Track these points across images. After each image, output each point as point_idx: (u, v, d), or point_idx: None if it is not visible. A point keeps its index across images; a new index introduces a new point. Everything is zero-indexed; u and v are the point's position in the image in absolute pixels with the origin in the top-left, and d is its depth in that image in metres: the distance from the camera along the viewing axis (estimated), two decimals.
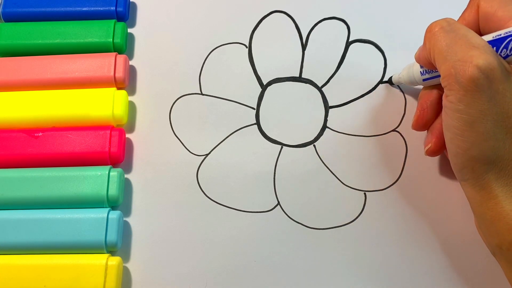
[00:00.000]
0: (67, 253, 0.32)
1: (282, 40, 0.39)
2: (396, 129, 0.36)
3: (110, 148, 0.34)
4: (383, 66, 0.37)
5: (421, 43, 0.38)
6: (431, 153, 0.32)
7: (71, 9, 0.38)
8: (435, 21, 0.29)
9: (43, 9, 0.38)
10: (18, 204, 0.33)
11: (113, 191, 0.33)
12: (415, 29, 0.39)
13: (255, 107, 0.37)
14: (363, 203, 0.34)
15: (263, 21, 0.39)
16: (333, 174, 0.35)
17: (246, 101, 0.37)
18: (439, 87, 0.31)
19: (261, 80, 0.37)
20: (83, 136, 0.34)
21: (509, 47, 0.27)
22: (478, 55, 0.25)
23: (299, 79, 0.37)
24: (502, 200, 0.26)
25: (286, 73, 0.38)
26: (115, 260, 0.31)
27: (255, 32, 0.39)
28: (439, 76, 0.29)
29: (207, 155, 0.35)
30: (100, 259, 0.31)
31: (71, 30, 0.37)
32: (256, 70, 0.38)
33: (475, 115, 0.26)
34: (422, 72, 0.32)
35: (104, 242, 0.31)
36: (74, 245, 0.32)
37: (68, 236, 0.32)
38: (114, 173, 0.33)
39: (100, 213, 0.32)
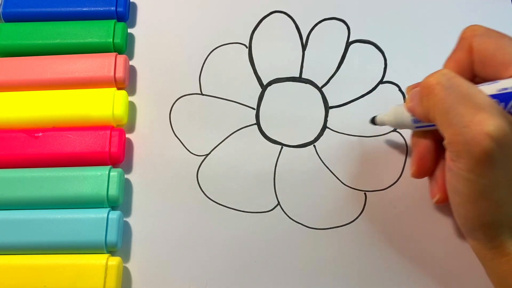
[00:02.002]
0: (67, 253, 0.32)
1: (282, 40, 0.39)
2: (396, 129, 0.36)
3: (110, 148, 0.34)
4: (383, 66, 0.37)
5: (421, 43, 0.38)
6: (441, 203, 0.30)
7: (71, 9, 0.38)
8: (432, 75, 0.25)
9: (43, 9, 0.38)
10: (18, 204, 0.33)
11: (113, 191, 0.33)
12: (415, 29, 0.39)
13: (255, 107, 0.37)
14: (363, 203, 0.34)
15: (263, 21, 0.39)
16: (333, 174, 0.35)
17: (246, 101, 0.37)
18: (434, 132, 0.29)
19: (261, 80, 0.37)
20: (83, 136, 0.34)
21: None
22: (486, 119, 0.23)
23: (299, 79, 0.37)
24: None
25: (286, 73, 0.38)
26: (115, 260, 0.31)
27: (255, 32, 0.39)
28: (434, 125, 0.26)
29: (207, 155, 0.35)
30: (100, 259, 0.31)
31: (71, 30, 0.37)
32: (256, 70, 0.38)
33: (487, 184, 0.24)
34: (414, 120, 0.29)
35: (104, 242, 0.31)
36: (74, 245, 0.32)
37: (68, 236, 0.32)
38: (114, 173, 0.33)
39: (100, 213, 0.32)
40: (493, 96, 0.24)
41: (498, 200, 0.24)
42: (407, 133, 0.35)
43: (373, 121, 0.34)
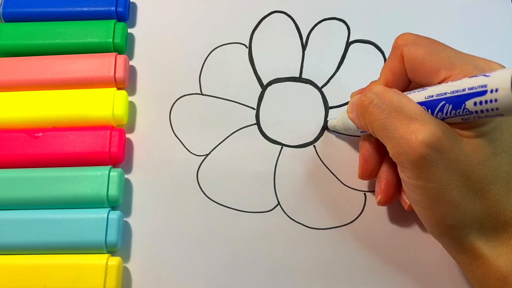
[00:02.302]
0: (67, 253, 0.32)
1: (282, 40, 0.39)
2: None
3: (110, 148, 0.34)
4: (383, 66, 0.37)
5: None
6: (382, 204, 0.31)
7: (71, 9, 0.38)
8: (365, 95, 0.27)
9: (43, 9, 0.38)
10: (18, 204, 0.33)
11: (113, 191, 0.33)
12: (415, 30, 0.38)
13: (255, 107, 0.37)
14: (363, 203, 0.34)
15: (263, 21, 0.39)
16: (333, 174, 0.35)
17: (246, 101, 0.37)
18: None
19: (261, 80, 0.37)
20: (83, 136, 0.34)
21: (444, 111, 0.25)
22: (419, 128, 0.24)
23: (299, 79, 0.37)
24: (489, 257, 0.26)
25: (286, 73, 0.38)
26: (115, 260, 0.31)
27: (255, 32, 0.39)
28: None
29: (207, 155, 0.35)
30: (100, 259, 0.31)
31: (71, 30, 0.37)
32: (256, 70, 0.38)
33: (437, 187, 0.25)
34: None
35: (104, 242, 0.31)
36: (74, 245, 0.32)
37: (68, 236, 0.32)
38: (114, 173, 0.33)
39: (100, 213, 0.32)
40: (422, 103, 0.26)
41: (452, 201, 0.25)
42: None
43: (325, 125, 0.36)
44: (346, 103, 0.37)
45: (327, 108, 0.37)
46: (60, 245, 0.32)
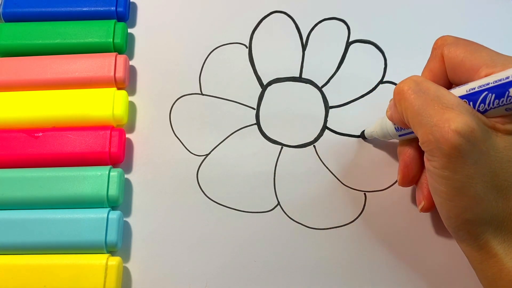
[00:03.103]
0: (67, 253, 0.32)
1: (282, 40, 0.39)
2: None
3: (110, 148, 0.34)
4: (383, 66, 0.37)
5: (421, 43, 0.38)
6: (426, 210, 0.30)
7: (71, 9, 0.38)
8: (403, 82, 0.27)
9: (43, 9, 0.38)
10: (18, 204, 0.33)
11: (113, 191, 0.33)
12: (415, 29, 0.39)
13: (255, 107, 0.37)
14: (363, 203, 0.34)
15: (263, 21, 0.39)
16: (333, 174, 0.35)
17: (246, 101, 0.37)
18: (417, 140, 0.29)
19: (261, 80, 0.37)
20: (83, 136, 0.34)
21: (487, 101, 0.25)
22: (454, 117, 0.24)
23: (299, 79, 0.37)
24: (503, 258, 0.25)
25: (286, 73, 0.38)
26: (115, 260, 0.31)
27: (255, 32, 0.39)
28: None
29: (207, 155, 0.35)
30: (100, 259, 0.31)
31: (71, 30, 0.37)
32: (256, 70, 0.38)
33: (462, 180, 0.25)
34: (397, 128, 0.30)
35: (104, 242, 0.31)
36: (74, 245, 0.32)
37: (68, 236, 0.32)
38: (114, 173, 0.33)
39: (100, 213, 0.32)
40: (463, 97, 0.26)
41: (475, 196, 0.25)
42: None
43: (362, 135, 0.35)
44: (346, 103, 0.37)
45: (327, 108, 0.37)
46: (60, 245, 0.32)
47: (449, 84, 0.29)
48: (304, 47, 0.38)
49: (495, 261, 0.26)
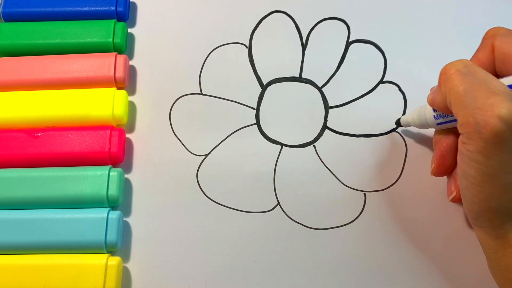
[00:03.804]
0: (67, 253, 0.32)
1: (282, 40, 0.39)
2: (396, 129, 0.36)
3: (110, 148, 0.34)
4: (383, 66, 0.37)
5: (421, 42, 0.38)
6: (457, 200, 0.30)
7: (71, 9, 0.38)
8: (451, 63, 0.27)
9: (43, 9, 0.38)
10: (18, 204, 0.33)
11: (113, 191, 0.33)
12: (415, 29, 0.39)
13: (255, 107, 0.37)
14: (363, 203, 0.34)
15: (263, 21, 0.39)
16: (333, 174, 0.35)
17: (246, 101, 0.37)
18: (455, 131, 0.29)
19: (261, 80, 0.37)
20: (83, 136, 0.34)
21: None
22: (499, 103, 0.23)
23: (299, 79, 0.37)
24: None
25: (286, 73, 0.38)
26: (115, 260, 0.31)
27: (255, 32, 0.39)
28: (455, 120, 0.27)
29: (207, 155, 0.35)
30: (100, 259, 0.31)
31: (71, 30, 0.37)
32: (256, 70, 0.38)
33: (495, 167, 0.24)
34: (436, 116, 0.30)
35: (104, 242, 0.31)
36: (74, 245, 0.32)
37: (68, 236, 0.32)
38: (114, 173, 0.33)
39: (100, 213, 0.32)
40: (510, 87, 0.25)
41: (505, 185, 0.25)
42: (407, 133, 0.35)
43: (398, 122, 0.35)
44: (346, 103, 0.36)
45: (327, 108, 0.37)
46: (60, 245, 0.32)
47: (496, 76, 0.28)
48: (304, 47, 0.38)
49: (511, 252, 0.26)
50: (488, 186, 0.25)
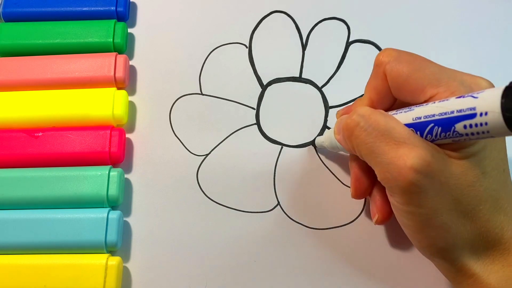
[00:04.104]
0: (67, 253, 0.32)
1: (282, 40, 0.39)
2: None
3: (110, 148, 0.34)
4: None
5: (421, 43, 0.38)
6: (380, 223, 0.30)
7: (71, 9, 0.38)
8: (350, 117, 0.26)
9: (43, 9, 0.38)
10: (18, 204, 0.33)
11: (113, 191, 0.33)
12: (415, 29, 0.39)
13: (255, 107, 0.37)
14: (363, 203, 0.34)
15: (263, 21, 0.39)
16: (333, 174, 0.35)
17: (246, 101, 0.37)
18: None
19: (261, 80, 0.37)
20: (83, 136, 0.34)
21: (434, 133, 0.24)
22: (408, 153, 0.23)
23: (299, 79, 0.37)
24: (481, 275, 0.25)
25: (286, 73, 0.38)
26: (115, 260, 0.31)
27: (255, 32, 0.39)
28: None
29: (207, 155, 0.35)
30: (100, 259, 0.31)
31: (71, 30, 0.37)
32: (256, 70, 0.38)
33: (427, 213, 0.24)
34: None
35: (104, 242, 0.31)
36: (74, 245, 0.32)
37: (68, 236, 0.32)
38: (114, 173, 0.33)
39: (100, 213, 0.32)
40: (409, 125, 0.25)
41: (443, 225, 0.25)
42: None
43: (313, 143, 0.35)
44: (346, 103, 0.37)
45: (327, 108, 0.37)
46: (60, 245, 0.32)
47: (394, 100, 0.28)
48: (304, 47, 0.38)
49: (473, 280, 0.26)
50: (428, 231, 0.25)
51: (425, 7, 0.39)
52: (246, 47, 0.38)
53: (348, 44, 0.38)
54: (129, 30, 0.39)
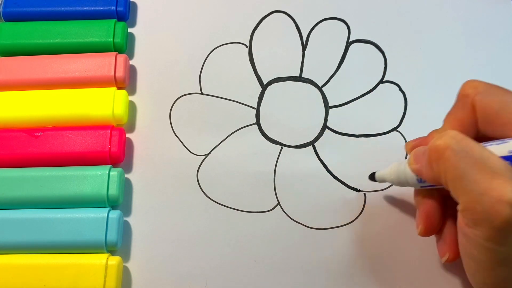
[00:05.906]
0: (67, 252, 0.32)
1: (282, 40, 0.39)
2: (396, 129, 0.36)
3: (110, 147, 0.34)
4: (383, 66, 0.37)
5: (421, 42, 0.38)
6: (450, 261, 0.28)
7: (71, 8, 0.38)
8: (441, 139, 0.24)
9: (43, 9, 0.38)
10: (18, 204, 0.33)
11: (113, 190, 0.33)
12: (415, 29, 0.39)
13: (255, 107, 0.37)
14: (363, 203, 0.34)
15: (263, 21, 0.39)
16: (333, 174, 0.35)
17: (246, 101, 0.37)
18: (438, 189, 0.28)
19: (261, 80, 0.37)
20: (83, 136, 0.34)
21: None
22: (505, 186, 0.21)
23: (299, 79, 0.37)
24: None
25: (286, 73, 0.38)
26: (115, 260, 0.31)
27: (255, 32, 0.39)
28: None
29: (207, 155, 0.35)
30: (100, 259, 0.31)
31: (71, 30, 0.37)
32: (256, 70, 0.38)
33: (507, 252, 0.23)
34: (419, 180, 0.27)
35: (104, 242, 0.31)
36: (74, 244, 0.32)
37: (68, 236, 0.32)
38: (114, 172, 0.33)
39: (100, 213, 0.32)
40: (505, 158, 0.23)
41: None
42: (407, 133, 0.35)
43: (372, 177, 0.32)
44: (346, 103, 0.37)
45: (327, 108, 0.37)
46: (60, 245, 0.32)
47: (477, 134, 0.27)
48: (304, 47, 0.38)
49: None
50: (500, 271, 0.24)
51: (425, 7, 0.39)
52: (246, 47, 0.38)
53: (348, 44, 0.38)
54: (129, 30, 0.39)
